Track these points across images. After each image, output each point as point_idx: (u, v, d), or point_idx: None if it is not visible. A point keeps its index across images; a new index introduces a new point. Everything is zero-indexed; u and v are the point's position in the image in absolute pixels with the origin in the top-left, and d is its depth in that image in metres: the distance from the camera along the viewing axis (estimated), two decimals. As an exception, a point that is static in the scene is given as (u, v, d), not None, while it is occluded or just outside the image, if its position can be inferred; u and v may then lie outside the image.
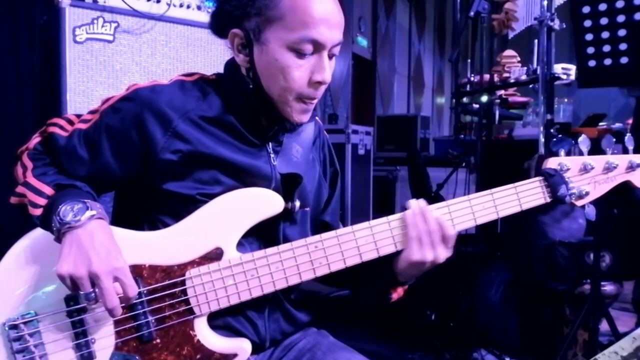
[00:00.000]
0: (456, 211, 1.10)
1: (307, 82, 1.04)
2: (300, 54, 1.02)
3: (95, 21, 1.96)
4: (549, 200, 1.16)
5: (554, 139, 1.21)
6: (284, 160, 1.16)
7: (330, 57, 1.06)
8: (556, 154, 1.19)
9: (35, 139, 1.11)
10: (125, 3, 2.01)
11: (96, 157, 1.07)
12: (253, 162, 1.10)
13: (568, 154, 1.20)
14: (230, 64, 1.14)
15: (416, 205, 1.08)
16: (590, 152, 1.20)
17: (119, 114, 1.07)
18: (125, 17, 2.02)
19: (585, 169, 1.19)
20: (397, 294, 1.21)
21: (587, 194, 1.18)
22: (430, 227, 1.06)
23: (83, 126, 1.08)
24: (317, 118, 1.27)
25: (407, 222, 1.07)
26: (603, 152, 1.21)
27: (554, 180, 1.16)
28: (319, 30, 1.00)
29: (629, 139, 1.20)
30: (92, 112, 1.11)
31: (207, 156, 1.06)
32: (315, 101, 1.09)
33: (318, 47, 1.02)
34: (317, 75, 1.04)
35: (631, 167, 1.20)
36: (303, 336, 1.22)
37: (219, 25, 1.11)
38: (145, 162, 1.06)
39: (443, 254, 1.08)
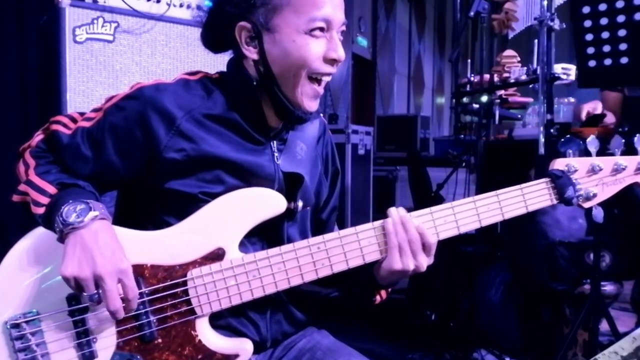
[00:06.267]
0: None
1: (322, 58, 1.06)
2: (313, 35, 1.04)
3: (95, 21, 1.96)
4: (555, 202, 1.15)
5: (562, 140, 1.19)
6: (287, 158, 1.16)
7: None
8: (563, 155, 1.17)
9: (38, 137, 1.10)
10: (125, 3, 2.01)
11: (100, 155, 1.07)
12: (256, 161, 1.10)
13: (574, 155, 1.17)
14: (234, 62, 1.14)
15: (396, 214, 1.07)
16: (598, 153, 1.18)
17: (123, 113, 1.06)
18: (125, 17, 2.02)
19: (593, 171, 1.16)
20: (381, 297, 1.21)
21: (594, 195, 1.16)
22: (410, 236, 1.05)
23: (86, 124, 1.08)
24: (322, 116, 1.28)
25: (387, 231, 1.06)
26: (609, 153, 1.18)
27: (561, 182, 1.14)
28: (327, 9, 1.04)
29: (638, 140, 1.17)
30: (95, 110, 1.11)
31: (211, 155, 1.06)
32: (327, 79, 1.10)
33: (329, 25, 1.05)
34: (332, 53, 1.06)
35: None
36: (303, 336, 1.22)
37: (217, 30, 1.11)
38: (148, 161, 1.06)
39: (425, 262, 1.07)
